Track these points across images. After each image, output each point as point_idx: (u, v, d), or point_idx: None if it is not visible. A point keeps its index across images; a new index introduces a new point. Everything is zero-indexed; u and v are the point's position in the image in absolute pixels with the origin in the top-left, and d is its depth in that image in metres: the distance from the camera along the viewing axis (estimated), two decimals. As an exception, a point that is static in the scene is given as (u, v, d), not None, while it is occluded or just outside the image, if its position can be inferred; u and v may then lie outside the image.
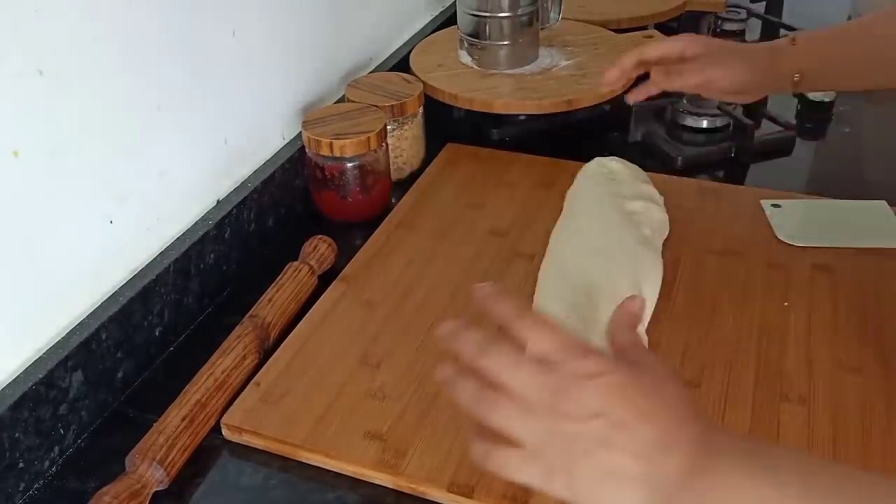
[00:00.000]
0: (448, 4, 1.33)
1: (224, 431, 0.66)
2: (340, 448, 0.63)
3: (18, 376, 0.63)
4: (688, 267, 0.80)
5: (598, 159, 0.87)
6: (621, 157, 1.00)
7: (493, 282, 0.52)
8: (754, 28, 1.32)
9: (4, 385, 0.62)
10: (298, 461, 0.64)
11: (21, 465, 0.62)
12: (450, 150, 1.02)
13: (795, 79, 0.80)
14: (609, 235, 0.75)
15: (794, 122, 1.05)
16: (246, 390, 0.69)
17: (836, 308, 0.74)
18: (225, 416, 0.67)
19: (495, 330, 0.51)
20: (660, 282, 0.74)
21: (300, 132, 0.91)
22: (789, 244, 0.82)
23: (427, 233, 0.87)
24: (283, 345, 0.73)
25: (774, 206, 0.88)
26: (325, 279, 0.81)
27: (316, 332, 0.75)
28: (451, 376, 0.50)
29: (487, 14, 1.04)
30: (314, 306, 0.78)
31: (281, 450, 0.65)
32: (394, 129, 0.95)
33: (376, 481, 0.62)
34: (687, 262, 0.80)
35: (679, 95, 1.06)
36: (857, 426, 0.63)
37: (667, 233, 0.81)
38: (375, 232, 0.87)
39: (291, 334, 0.74)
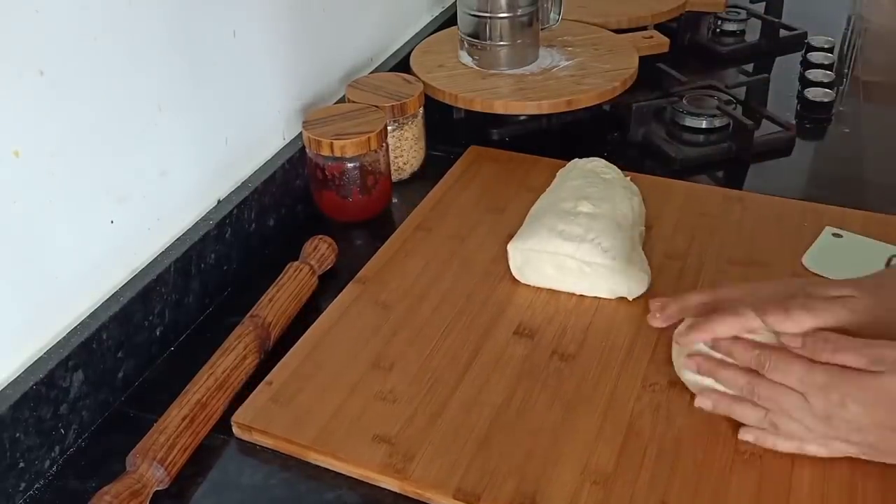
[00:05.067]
0: (448, 5, 1.33)
1: (234, 429, 0.66)
2: (348, 450, 0.63)
3: (19, 376, 0.63)
4: (709, 276, 0.78)
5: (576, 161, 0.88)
6: (621, 157, 1.00)
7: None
8: (754, 28, 1.32)
9: (5, 385, 0.62)
10: (299, 460, 0.64)
11: (21, 464, 0.62)
12: (472, 152, 1.01)
13: None
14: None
15: (794, 122, 1.05)
16: (258, 389, 0.69)
17: None
18: (236, 414, 0.66)
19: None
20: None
21: (301, 132, 0.91)
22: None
23: (446, 236, 0.86)
24: (296, 345, 0.73)
25: (836, 235, 0.82)
26: (326, 279, 0.81)
27: (330, 332, 0.75)
28: (723, 406, 0.62)
29: (488, 14, 1.04)
30: (329, 306, 0.77)
31: (289, 450, 0.64)
32: (394, 130, 0.95)
33: (383, 485, 0.62)
34: (708, 271, 0.79)
35: (679, 96, 1.07)
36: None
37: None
38: (394, 234, 0.87)
39: (305, 334, 0.74)
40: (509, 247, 0.79)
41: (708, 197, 0.91)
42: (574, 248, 0.75)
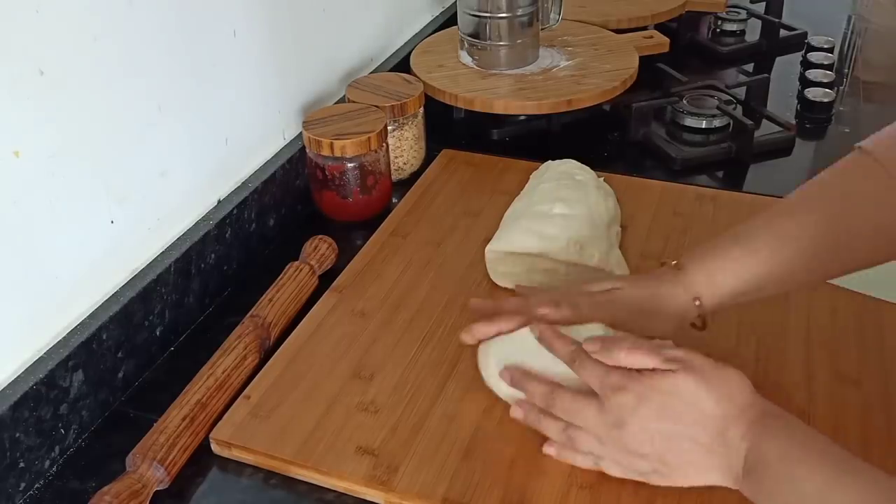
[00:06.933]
0: (448, 5, 1.33)
1: (213, 446, 0.65)
2: (331, 464, 0.62)
3: (19, 376, 0.63)
4: None
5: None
6: (621, 157, 1.00)
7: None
8: (754, 28, 1.32)
9: (5, 385, 0.62)
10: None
11: (22, 464, 0.62)
12: (445, 156, 1.01)
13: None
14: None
15: (794, 122, 1.05)
16: (235, 404, 0.67)
17: (836, 317, 0.73)
18: (214, 430, 0.65)
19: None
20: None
21: (301, 132, 0.91)
22: None
23: (421, 241, 0.86)
24: (273, 357, 0.72)
25: None
26: (326, 279, 0.81)
27: (307, 343, 0.73)
28: (532, 417, 0.62)
29: (488, 14, 1.04)
30: (306, 317, 0.76)
31: (271, 465, 0.63)
32: (394, 130, 0.95)
33: (368, 497, 0.61)
34: None
35: (679, 96, 1.07)
36: (858, 438, 0.62)
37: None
38: (369, 241, 0.86)
39: (282, 346, 0.73)
40: (487, 250, 0.78)
41: (681, 196, 0.91)
42: (552, 249, 0.75)
